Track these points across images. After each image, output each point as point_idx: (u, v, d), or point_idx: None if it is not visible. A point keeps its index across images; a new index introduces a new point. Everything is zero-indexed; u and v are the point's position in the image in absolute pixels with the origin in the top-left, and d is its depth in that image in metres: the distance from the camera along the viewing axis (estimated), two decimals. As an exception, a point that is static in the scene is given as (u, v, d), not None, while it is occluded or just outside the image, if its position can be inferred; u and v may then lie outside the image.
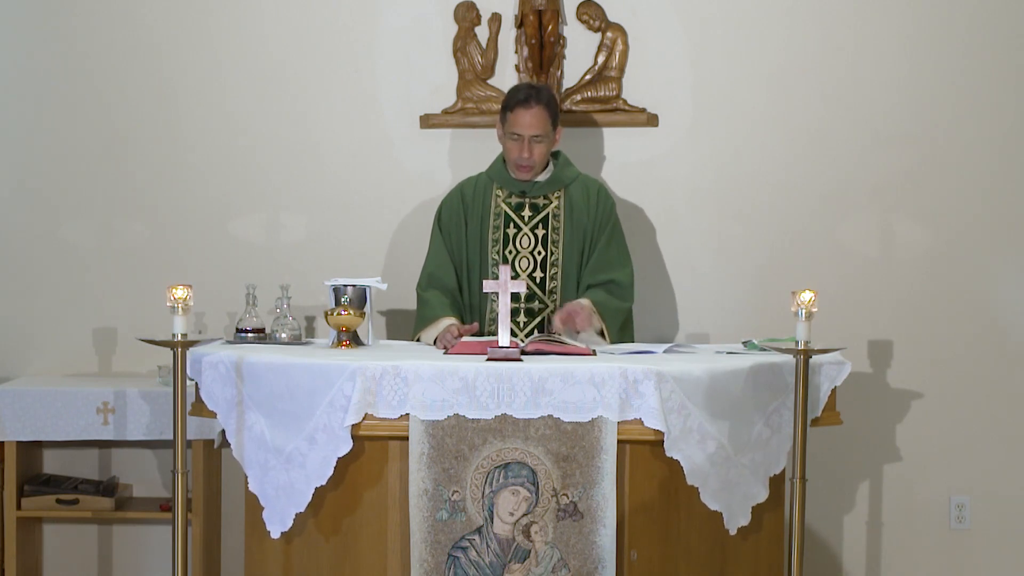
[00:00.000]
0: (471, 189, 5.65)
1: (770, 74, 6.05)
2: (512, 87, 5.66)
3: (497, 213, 5.61)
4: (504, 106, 5.53)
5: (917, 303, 6.08)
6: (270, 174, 6.11)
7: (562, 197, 5.61)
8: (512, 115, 5.48)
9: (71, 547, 6.10)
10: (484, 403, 4.64)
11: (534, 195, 5.61)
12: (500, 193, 5.62)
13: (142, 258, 6.11)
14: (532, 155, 5.49)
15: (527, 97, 5.47)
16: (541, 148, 5.51)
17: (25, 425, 5.68)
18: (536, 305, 5.55)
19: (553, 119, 5.51)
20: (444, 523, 4.65)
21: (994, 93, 6.03)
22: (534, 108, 5.46)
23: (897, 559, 6.11)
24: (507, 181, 5.61)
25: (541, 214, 5.60)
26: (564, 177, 5.62)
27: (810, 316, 4.74)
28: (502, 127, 5.54)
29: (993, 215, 6.07)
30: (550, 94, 5.55)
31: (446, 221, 5.64)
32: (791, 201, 6.08)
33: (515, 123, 5.47)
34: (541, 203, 5.61)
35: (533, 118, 5.46)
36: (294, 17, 6.06)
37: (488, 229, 5.59)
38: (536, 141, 5.48)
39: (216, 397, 4.89)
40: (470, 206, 5.62)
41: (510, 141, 5.51)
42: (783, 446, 4.92)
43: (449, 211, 5.65)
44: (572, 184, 5.63)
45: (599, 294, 5.47)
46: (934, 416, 6.10)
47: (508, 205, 5.61)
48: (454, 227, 5.62)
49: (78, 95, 6.08)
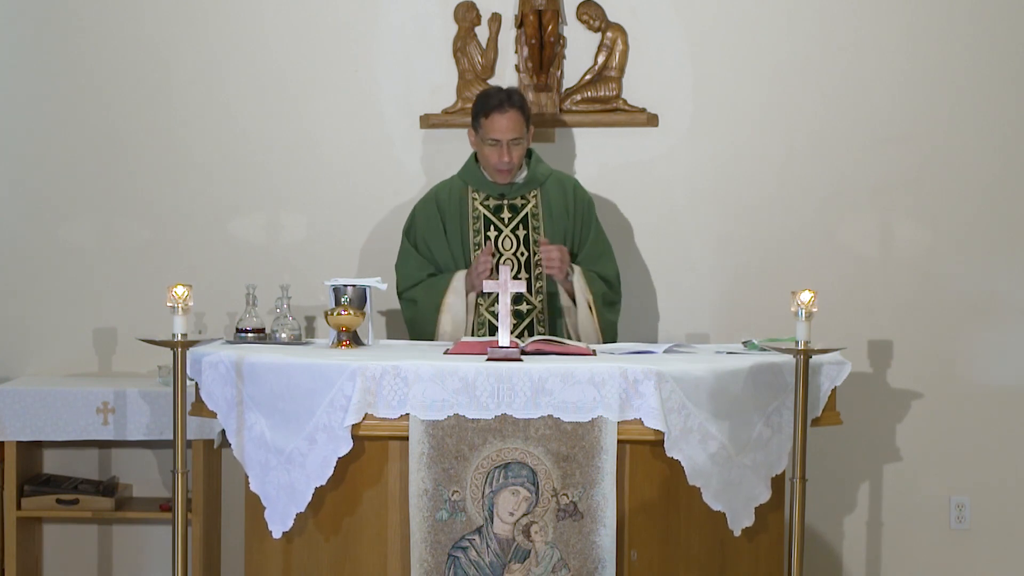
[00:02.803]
0: (445, 194, 5.66)
1: (770, 74, 6.05)
2: (481, 93, 5.66)
3: (476, 217, 5.62)
4: (477, 111, 5.55)
5: (917, 303, 6.08)
6: (270, 174, 6.11)
7: (539, 196, 5.63)
8: (488, 120, 5.51)
9: (71, 547, 6.10)
10: (484, 403, 4.64)
11: (512, 196, 5.62)
12: (477, 196, 5.63)
13: (142, 258, 6.11)
14: (512, 158, 5.53)
15: (501, 102, 5.50)
16: (519, 150, 5.55)
17: (25, 425, 5.68)
18: (524, 307, 5.56)
19: (527, 120, 5.56)
20: (444, 523, 4.65)
21: (994, 93, 6.03)
22: (509, 112, 5.50)
23: (897, 559, 6.11)
24: (483, 184, 5.62)
25: (520, 214, 5.61)
26: (539, 175, 5.66)
27: (810, 316, 4.74)
28: (476, 133, 5.56)
29: (993, 215, 6.07)
30: (521, 96, 5.59)
31: (422, 228, 5.64)
32: (791, 201, 6.08)
33: (492, 128, 5.50)
34: (519, 203, 5.63)
35: (510, 122, 5.50)
36: (294, 17, 6.06)
37: (468, 233, 5.60)
38: (514, 144, 5.52)
39: (216, 397, 4.89)
40: (446, 211, 5.63)
41: (487, 147, 5.54)
42: (784, 446, 4.92)
43: (425, 218, 5.64)
44: (547, 181, 5.66)
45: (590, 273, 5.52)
46: (934, 416, 6.10)
47: (486, 208, 5.62)
48: (432, 234, 5.62)
49: (78, 95, 6.08)
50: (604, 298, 5.55)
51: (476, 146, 5.61)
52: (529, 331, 5.52)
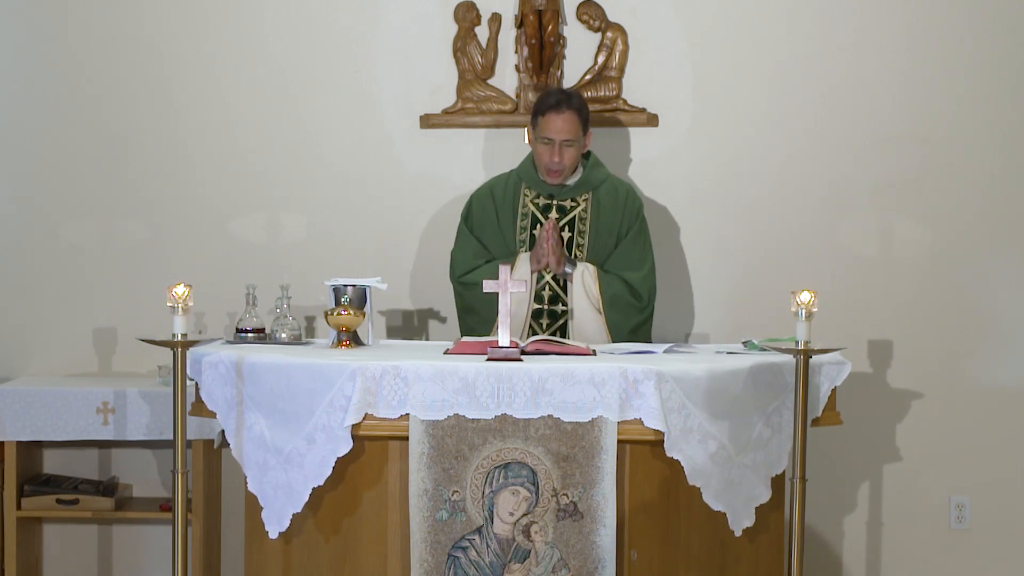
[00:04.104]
0: (501, 188, 5.69)
1: (770, 74, 6.05)
2: (543, 92, 5.70)
3: (524, 213, 5.63)
4: (535, 110, 5.57)
5: (917, 303, 6.08)
6: (270, 174, 6.11)
7: (590, 199, 5.63)
8: (543, 119, 5.52)
9: (71, 547, 6.10)
10: (484, 403, 4.64)
11: (562, 197, 5.63)
12: (528, 193, 5.65)
13: (142, 258, 6.11)
14: (563, 159, 5.53)
15: (558, 102, 5.51)
16: (571, 152, 5.55)
17: (25, 425, 5.68)
18: (560, 307, 5.56)
19: (584, 124, 5.55)
20: (444, 523, 4.65)
21: (994, 93, 6.03)
22: (565, 113, 5.50)
23: (897, 559, 6.11)
24: (536, 182, 5.64)
25: (568, 216, 5.61)
26: (593, 180, 5.65)
27: (810, 316, 4.73)
28: (533, 131, 5.58)
29: (993, 215, 6.07)
30: (581, 99, 5.59)
31: (477, 217, 5.67)
32: (791, 201, 6.08)
33: (546, 127, 5.51)
34: (568, 205, 5.63)
35: (564, 123, 5.50)
36: (294, 17, 6.06)
37: (515, 229, 5.61)
38: (567, 145, 5.52)
39: (216, 397, 4.89)
40: (500, 205, 5.65)
41: (541, 145, 5.55)
42: (784, 446, 4.91)
43: (481, 207, 5.67)
44: (601, 186, 5.65)
45: (609, 275, 5.52)
46: (934, 416, 6.10)
47: (536, 206, 5.63)
48: (487, 223, 5.64)
49: (78, 95, 6.08)
50: (615, 301, 5.52)
51: (532, 144, 5.62)
52: (562, 331, 5.53)
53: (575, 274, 5.52)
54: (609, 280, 5.53)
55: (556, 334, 5.50)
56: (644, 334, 5.60)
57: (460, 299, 5.64)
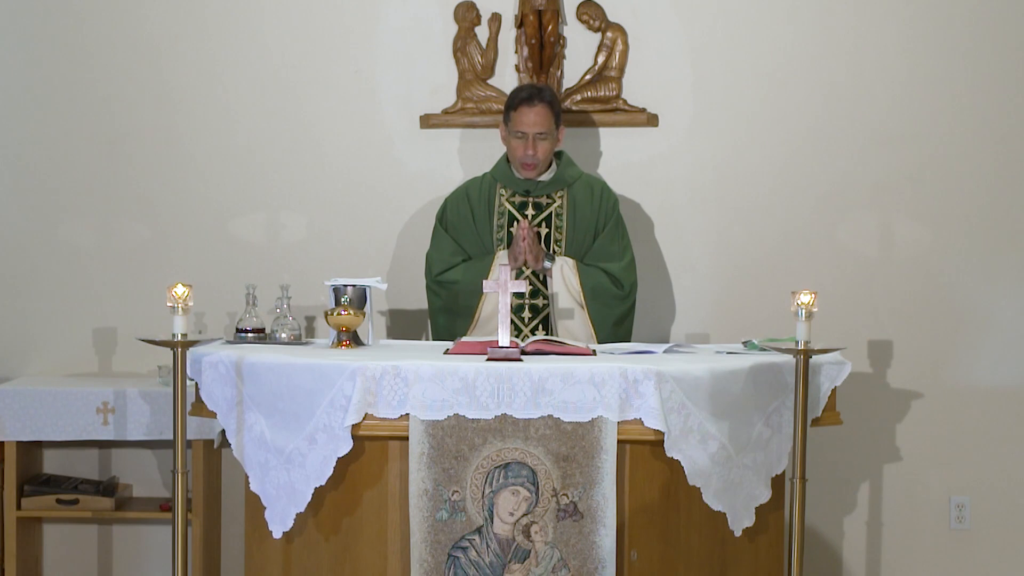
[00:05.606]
0: (476, 189, 5.72)
1: (770, 74, 6.05)
2: (515, 88, 5.73)
3: (501, 212, 5.66)
4: (508, 105, 5.61)
5: (917, 303, 6.08)
6: (270, 174, 6.11)
7: (565, 196, 5.66)
8: (516, 113, 5.56)
9: (71, 547, 6.10)
10: (484, 403, 4.64)
11: (537, 194, 5.65)
12: (504, 192, 5.68)
13: (142, 258, 6.11)
14: (537, 152, 5.57)
15: (530, 96, 5.57)
16: (545, 145, 5.58)
17: (25, 425, 5.68)
18: (540, 302, 5.58)
19: (556, 118, 5.60)
20: (444, 523, 4.65)
21: (994, 93, 6.03)
22: (537, 106, 5.55)
23: (897, 559, 6.11)
24: (511, 180, 5.67)
25: (544, 212, 5.64)
26: (567, 176, 5.68)
27: (810, 316, 4.74)
28: (506, 127, 5.60)
29: (993, 215, 6.07)
30: (552, 93, 5.63)
31: (452, 219, 5.69)
32: (791, 201, 6.08)
33: (519, 121, 5.55)
34: (544, 202, 5.66)
35: (537, 116, 5.54)
36: (294, 17, 6.06)
37: (492, 228, 5.63)
38: (540, 139, 5.56)
39: (216, 397, 4.89)
40: (476, 205, 5.67)
41: (515, 139, 5.59)
42: (784, 446, 4.92)
43: (455, 209, 5.70)
44: (575, 183, 5.67)
45: (589, 268, 5.54)
46: (934, 416, 6.10)
47: (512, 204, 5.66)
48: (463, 224, 5.66)
49: (78, 95, 6.08)
50: (597, 291, 5.54)
51: (505, 141, 5.64)
52: (544, 324, 5.55)
53: (554, 268, 5.55)
54: (589, 272, 5.56)
55: (539, 327, 5.52)
56: (627, 327, 5.61)
57: (436, 299, 5.64)
